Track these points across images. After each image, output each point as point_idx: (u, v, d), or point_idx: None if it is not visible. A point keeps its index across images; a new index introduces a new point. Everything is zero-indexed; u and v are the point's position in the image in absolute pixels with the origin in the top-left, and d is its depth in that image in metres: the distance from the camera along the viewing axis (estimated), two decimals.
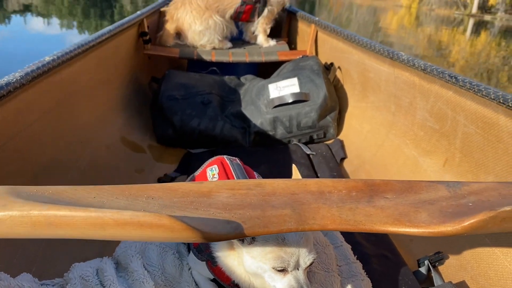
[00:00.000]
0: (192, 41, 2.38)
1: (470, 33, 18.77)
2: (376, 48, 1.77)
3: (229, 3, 2.35)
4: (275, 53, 2.41)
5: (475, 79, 4.61)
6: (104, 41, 1.69)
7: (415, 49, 10.43)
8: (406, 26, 20.48)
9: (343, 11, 32.31)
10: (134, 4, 16.83)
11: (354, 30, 15.17)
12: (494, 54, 10.92)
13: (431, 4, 44.58)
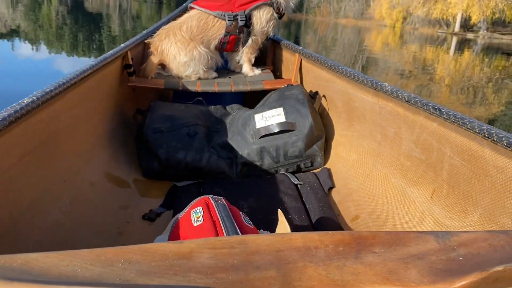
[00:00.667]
0: (177, 72, 2.38)
1: (454, 50, 19.20)
2: (359, 79, 1.78)
3: (214, 34, 2.36)
4: (260, 82, 2.42)
5: (461, 95, 4.69)
6: (87, 76, 1.67)
7: (401, 67, 10.60)
8: (391, 44, 20.89)
9: (328, 31, 32.95)
10: (122, 26, 16.98)
11: (340, 50, 15.44)
12: (478, 71, 11.14)
13: (415, 23, 45.60)
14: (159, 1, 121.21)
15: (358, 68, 10.08)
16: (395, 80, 8.14)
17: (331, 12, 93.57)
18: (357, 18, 70.35)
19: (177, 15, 3.18)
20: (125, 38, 12.30)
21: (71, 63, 7.38)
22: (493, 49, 21.97)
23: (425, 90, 7.10)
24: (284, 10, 2.45)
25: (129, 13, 32.91)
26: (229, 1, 2.36)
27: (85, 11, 29.48)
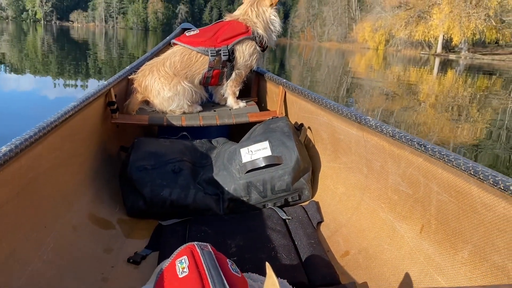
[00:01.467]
0: (161, 107, 2.36)
1: (437, 71, 19.59)
2: (343, 112, 1.78)
3: (197, 69, 2.36)
4: (245, 115, 2.41)
5: (445, 114, 4.72)
6: (69, 117, 1.65)
7: (386, 88, 10.74)
8: (375, 66, 21.24)
9: (313, 54, 33.46)
10: (109, 52, 17.01)
11: (324, 73, 15.63)
12: (462, 90, 11.35)
13: (397, 45, 46.66)
14: (145, 28, 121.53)
15: (343, 90, 10.19)
16: (380, 101, 8.23)
17: (315, 36, 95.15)
18: (340, 41, 71.73)
19: (160, 50, 3.19)
20: (111, 65, 12.32)
21: (57, 91, 7.33)
22: (475, 69, 22.48)
23: (411, 110, 7.18)
24: (266, 43, 2.47)
25: (115, 40, 33.12)
26: (211, 37, 2.37)
27: (71, 39, 29.61)
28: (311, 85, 11.05)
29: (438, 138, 5.33)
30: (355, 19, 72.73)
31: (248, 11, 2.44)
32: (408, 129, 5.75)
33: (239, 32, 2.38)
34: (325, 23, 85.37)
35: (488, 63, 30.48)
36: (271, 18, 2.45)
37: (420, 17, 43.31)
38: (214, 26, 2.47)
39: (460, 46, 41.01)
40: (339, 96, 9.00)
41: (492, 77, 17.50)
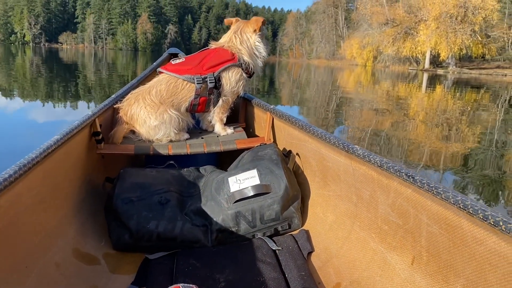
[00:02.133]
0: (147, 136, 2.33)
1: (426, 86, 19.84)
2: (331, 140, 1.77)
3: (184, 97, 2.34)
4: (233, 142, 2.38)
5: (436, 129, 4.72)
6: (52, 152, 1.61)
7: (375, 104, 10.81)
8: (363, 82, 21.45)
9: (302, 72, 33.76)
10: (98, 75, 16.98)
11: (314, 90, 15.74)
12: (451, 104, 11.47)
13: (385, 61, 47.27)
14: (134, 49, 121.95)
15: (333, 106, 10.24)
16: (371, 116, 8.27)
17: (304, 53, 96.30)
18: (329, 58, 72.61)
19: (146, 77, 3.18)
20: (100, 85, 12.29)
21: (46, 114, 7.27)
22: (463, 83, 22.81)
23: (401, 126, 7.22)
24: (253, 70, 2.47)
25: (105, 61, 33.13)
26: (197, 65, 2.36)
27: (60, 61, 29.57)
28: (301, 102, 11.12)
29: (429, 151, 5.35)
30: (342, 36, 73.83)
31: (233, 38, 2.46)
32: (399, 144, 5.76)
33: (225, 59, 2.38)
34: (313, 40, 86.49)
35: (475, 77, 30.97)
36: (256, 44, 2.45)
37: (407, 33, 44.08)
38: (200, 54, 2.47)
39: (447, 61, 41.72)
40: (329, 112, 9.03)
41: (480, 91, 17.76)
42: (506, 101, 13.57)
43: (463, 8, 37.49)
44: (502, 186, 4.10)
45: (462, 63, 43.01)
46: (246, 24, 2.48)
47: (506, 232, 0.98)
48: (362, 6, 57.15)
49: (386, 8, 50.07)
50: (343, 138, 5.99)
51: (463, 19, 37.72)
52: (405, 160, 4.92)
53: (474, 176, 4.40)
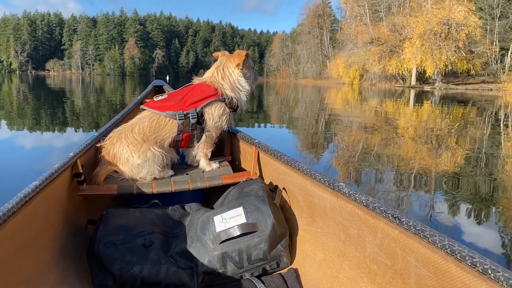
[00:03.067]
0: (131, 175, 2.29)
1: (413, 103, 20.04)
2: (316, 177, 1.74)
3: (167, 133, 2.31)
4: (218, 177, 2.35)
5: (426, 145, 4.70)
6: (31, 199, 1.55)
7: (364, 122, 10.86)
8: (351, 101, 21.61)
9: (290, 92, 34.01)
10: (86, 100, 16.91)
11: (302, 108, 15.80)
12: (440, 120, 11.57)
13: (372, 79, 47.83)
14: (122, 74, 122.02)
15: (321, 125, 10.27)
16: (360, 134, 8.29)
17: (291, 74, 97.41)
18: (315, 77, 73.48)
19: (129, 112, 3.16)
20: (88, 111, 12.21)
21: (34, 141, 7.17)
22: (450, 99, 23.13)
23: (391, 143, 7.24)
24: (237, 104, 2.46)
25: (92, 87, 33.04)
26: (179, 100, 2.35)
27: (48, 88, 29.43)
28: (290, 121, 11.14)
29: (419, 168, 5.35)
30: (328, 56, 74.91)
31: (215, 73, 2.45)
32: (390, 161, 5.77)
33: (208, 95, 2.37)
34: (299, 61, 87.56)
35: (461, 93, 31.47)
36: (238, 78, 2.44)
37: (392, 51, 44.83)
38: (183, 90, 2.46)
39: (434, 78, 42.39)
40: (319, 131, 9.05)
41: (467, 106, 18.00)
42: (492, 115, 13.74)
43: (447, 25, 38.31)
44: (493, 203, 4.10)
45: (448, 78, 43.79)
46: (229, 59, 2.48)
47: (495, 281, 0.95)
48: (347, 26, 58.24)
49: (370, 28, 51.02)
50: (333, 156, 6.12)
51: (447, 36, 38.51)
52: (395, 177, 4.92)
53: (464, 192, 4.42)
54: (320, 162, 5.85)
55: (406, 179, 4.85)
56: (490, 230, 3.43)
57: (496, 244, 3.13)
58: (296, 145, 7.44)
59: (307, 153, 6.57)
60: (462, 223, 3.55)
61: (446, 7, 39.09)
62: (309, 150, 6.78)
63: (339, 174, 5.06)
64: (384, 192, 4.29)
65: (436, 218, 3.61)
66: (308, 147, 7.06)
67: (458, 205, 4.01)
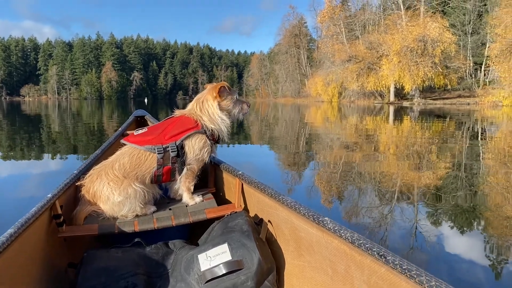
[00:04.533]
0: (112, 213, 2.23)
1: (393, 119, 20.34)
2: (301, 211, 1.73)
3: (147, 168, 2.28)
4: (202, 212, 2.30)
5: (407, 161, 4.77)
6: (6, 247, 1.48)
7: (345, 139, 10.91)
8: (331, 118, 21.80)
9: (269, 110, 34.18)
10: (63, 125, 16.62)
11: (283, 127, 15.83)
12: (420, 135, 11.72)
13: (350, 97, 48.51)
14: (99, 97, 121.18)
15: (302, 143, 10.28)
16: (341, 152, 8.31)
17: (270, 93, 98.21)
18: (295, 96, 74.26)
19: (107, 148, 3.11)
20: (65, 136, 11.99)
21: (10, 169, 6.96)
22: (428, 114, 23.58)
23: (372, 159, 7.27)
24: (219, 135, 2.45)
25: (69, 111, 32.54)
26: (159, 134, 2.32)
27: (23, 114, 28.87)
28: (270, 139, 11.14)
29: (402, 183, 5.38)
30: (306, 74, 75.84)
31: (194, 106, 2.45)
32: (372, 177, 5.79)
33: (188, 127, 2.35)
34: (278, 80, 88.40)
35: (439, 107, 32.16)
36: (216, 111, 2.43)
37: (370, 68, 45.65)
38: (163, 123, 2.44)
39: (412, 93, 43.23)
40: (300, 149, 9.06)
41: (445, 120, 18.35)
42: (470, 128, 14.04)
43: (423, 42, 39.29)
44: (474, 214, 4.17)
45: (425, 94, 44.76)
46: (208, 91, 2.48)
47: None
48: (324, 45, 59.23)
49: (347, 46, 51.96)
50: (315, 174, 6.09)
51: (423, 52, 39.47)
52: (378, 192, 4.94)
53: (446, 204, 4.47)
54: (302, 181, 5.82)
55: (389, 194, 4.87)
56: (473, 240, 3.47)
57: (480, 256, 3.15)
58: (277, 165, 7.42)
59: (289, 172, 6.55)
60: (446, 234, 3.59)
61: (421, 24, 40.19)
62: (291, 169, 6.76)
63: (322, 192, 5.05)
64: (368, 208, 4.29)
65: (420, 230, 3.63)
66: (290, 166, 7.04)
67: (442, 217, 4.05)
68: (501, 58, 29.86)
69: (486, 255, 3.15)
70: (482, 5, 49.60)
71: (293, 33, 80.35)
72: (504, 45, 28.90)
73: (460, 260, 3.06)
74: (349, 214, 4.14)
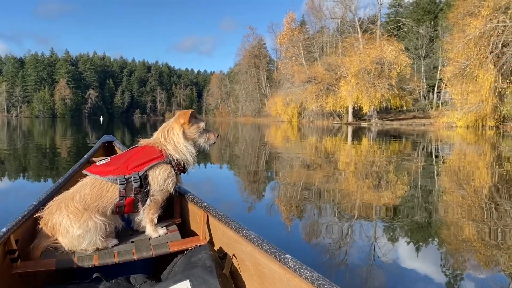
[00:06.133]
0: (71, 247, 2.13)
1: (351, 139, 20.72)
2: (264, 247, 1.70)
3: (109, 199, 2.20)
4: (166, 245, 2.23)
5: (366, 180, 4.83)
6: None
7: (305, 159, 10.94)
8: (291, 138, 21.95)
9: (229, 130, 34.14)
10: (12, 145, 15.71)
11: (243, 147, 15.75)
12: (378, 155, 11.90)
13: (310, 117, 49.35)
14: (52, 116, 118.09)
15: (262, 163, 10.19)
16: (301, 172, 8.32)
17: (230, 112, 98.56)
18: (255, 116, 74.84)
19: (71, 176, 3.02)
20: (15, 157, 11.31)
21: None
22: (386, 134, 24.22)
23: (332, 179, 7.34)
24: (184, 164, 2.40)
25: (19, 130, 31.09)
26: (122, 164, 2.26)
27: None
28: (230, 159, 10.98)
29: (361, 203, 5.44)
30: (266, 94, 76.73)
31: (159, 135, 2.41)
32: (331, 196, 5.85)
33: (152, 157, 2.30)
34: (238, 99, 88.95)
35: (396, 128, 33.27)
36: (182, 140, 2.39)
37: (329, 89, 46.77)
38: (127, 153, 2.39)
39: (369, 114, 44.51)
40: (260, 169, 8.95)
41: (402, 140, 18.87)
42: (425, 149, 14.44)
43: (379, 64, 40.72)
44: (430, 231, 4.32)
45: (381, 115, 46.23)
46: (175, 119, 2.44)
47: None
48: (283, 66, 60.25)
49: (306, 67, 53.09)
50: (276, 194, 5.97)
51: (380, 74, 40.88)
52: (337, 211, 4.96)
53: (403, 221, 4.58)
54: (262, 201, 5.78)
55: (348, 213, 4.91)
56: (429, 256, 3.57)
57: (436, 271, 3.24)
58: (238, 185, 7.38)
59: (250, 192, 6.51)
60: (403, 251, 3.67)
61: (378, 47, 41.71)
62: (251, 189, 6.71)
63: (282, 212, 5.01)
64: (328, 227, 4.30)
65: (379, 248, 3.68)
66: (250, 186, 7.00)
67: (399, 234, 4.14)
68: (454, 81, 31.29)
69: (442, 271, 3.24)
70: (433, 31, 52.42)
71: (252, 54, 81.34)
72: (457, 69, 30.33)
73: (416, 276, 3.14)
74: (309, 234, 4.15)
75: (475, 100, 28.63)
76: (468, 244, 3.84)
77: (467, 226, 4.43)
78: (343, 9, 51.22)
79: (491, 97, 27.67)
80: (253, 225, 2.51)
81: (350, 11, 50.30)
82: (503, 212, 4.95)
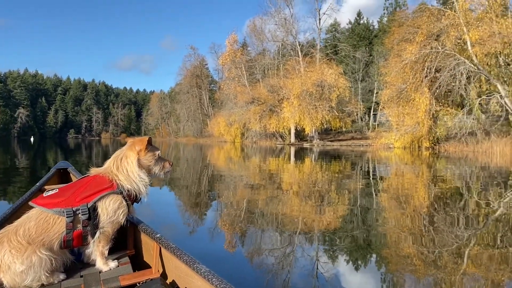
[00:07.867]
0: (13, 284, 2.00)
1: (294, 159, 21.01)
2: (213, 282, 1.69)
3: (56, 233, 2.11)
4: (116, 279, 2.14)
5: (309, 201, 4.89)
6: None
7: (248, 180, 10.89)
8: (234, 158, 21.89)
9: (170, 150, 33.49)
10: None
11: (184, 167, 15.44)
12: (321, 176, 12.10)
13: (253, 137, 49.67)
14: None
15: (205, 184, 10.01)
16: (244, 193, 8.30)
17: (170, 132, 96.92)
18: (197, 136, 74.18)
19: (20, 206, 2.88)
20: None
21: None
22: (327, 155, 24.84)
23: (276, 200, 7.37)
24: (136, 194, 2.33)
25: None
26: (70, 195, 2.17)
27: None
28: (171, 181, 10.67)
29: (303, 223, 5.46)
30: (208, 114, 76.48)
31: (111, 164, 2.34)
32: (274, 218, 5.83)
33: (101, 188, 2.22)
34: (179, 119, 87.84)
35: (336, 149, 34.23)
36: (135, 169, 2.32)
37: (272, 110, 47.49)
38: (76, 183, 2.29)
39: (311, 135, 45.58)
40: (202, 190, 8.80)
41: (342, 161, 19.41)
42: (365, 169, 14.92)
43: (320, 87, 42.01)
44: (369, 250, 4.41)
45: (321, 135, 47.55)
46: (129, 146, 2.37)
47: None
48: (226, 86, 60.50)
49: (249, 88, 53.64)
50: (218, 216, 5.86)
51: (321, 96, 42.16)
52: (280, 234, 4.98)
53: (344, 242, 4.67)
54: (205, 224, 5.68)
55: (291, 234, 4.94)
56: (369, 275, 3.65)
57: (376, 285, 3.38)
58: (179, 207, 7.20)
59: (191, 215, 6.37)
60: (344, 271, 3.73)
61: (318, 70, 43.09)
62: (193, 212, 6.57)
63: (225, 236, 4.95)
64: (270, 249, 4.30)
65: (321, 268, 3.72)
66: (192, 209, 6.85)
67: (340, 254, 4.21)
68: (391, 104, 32.59)
69: (380, 283, 3.39)
70: (368, 56, 55.30)
71: (194, 74, 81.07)
72: (394, 91, 31.66)
73: None
74: (252, 256, 4.13)
75: (411, 122, 29.94)
76: (406, 258, 4.00)
77: (404, 241, 4.63)
78: (284, 33, 52.61)
79: (427, 119, 29.04)
80: (194, 251, 2.47)
81: (291, 35, 51.77)
82: (439, 229, 5.18)
